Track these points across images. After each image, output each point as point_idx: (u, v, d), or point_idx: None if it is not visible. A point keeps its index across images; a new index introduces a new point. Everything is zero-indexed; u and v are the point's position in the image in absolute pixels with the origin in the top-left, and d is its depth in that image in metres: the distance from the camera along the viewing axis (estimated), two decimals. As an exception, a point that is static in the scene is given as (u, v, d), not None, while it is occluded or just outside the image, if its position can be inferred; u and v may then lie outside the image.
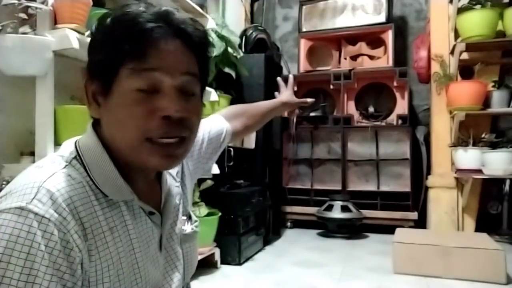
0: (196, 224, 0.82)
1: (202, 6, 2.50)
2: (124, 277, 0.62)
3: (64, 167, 0.60)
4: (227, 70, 2.63)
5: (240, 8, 3.90)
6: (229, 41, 2.62)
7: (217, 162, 2.32)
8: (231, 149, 2.61)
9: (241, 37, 3.25)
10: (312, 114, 3.71)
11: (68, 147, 0.65)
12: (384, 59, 3.62)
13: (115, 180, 0.62)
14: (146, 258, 0.66)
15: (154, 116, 0.59)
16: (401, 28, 3.95)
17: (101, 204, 0.61)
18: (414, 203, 3.34)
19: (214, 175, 2.31)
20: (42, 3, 1.45)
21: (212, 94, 2.42)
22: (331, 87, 3.69)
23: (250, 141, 2.89)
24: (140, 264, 0.65)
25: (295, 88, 3.64)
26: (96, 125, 0.65)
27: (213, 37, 2.56)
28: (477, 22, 2.79)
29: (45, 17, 1.46)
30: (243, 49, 3.14)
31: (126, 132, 0.59)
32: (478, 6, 2.77)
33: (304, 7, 3.86)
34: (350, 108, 3.78)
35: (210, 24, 2.48)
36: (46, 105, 1.44)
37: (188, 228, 0.79)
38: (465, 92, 2.87)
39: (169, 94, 0.60)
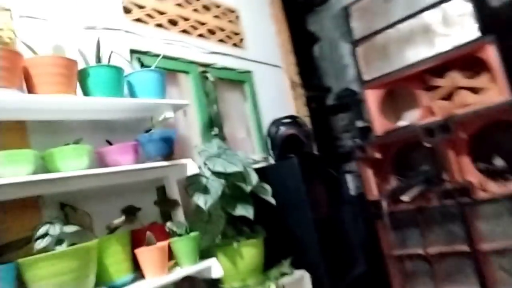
0: None
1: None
2: None
3: None
4: (239, 211, 1.92)
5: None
6: (233, 174, 1.91)
7: None
8: None
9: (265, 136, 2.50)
10: (410, 193, 2.61)
11: None
12: (495, 89, 2.36)
13: None
14: None
15: None
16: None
17: None
18: None
19: None
20: None
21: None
22: (426, 145, 2.57)
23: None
24: None
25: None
26: None
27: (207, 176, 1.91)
28: None
29: None
30: (270, 153, 2.38)
31: None
32: None
33: (357, 48, 2.88)
34: (465, 167, 2.54)
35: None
36: None
37: None
38: None
39: None
